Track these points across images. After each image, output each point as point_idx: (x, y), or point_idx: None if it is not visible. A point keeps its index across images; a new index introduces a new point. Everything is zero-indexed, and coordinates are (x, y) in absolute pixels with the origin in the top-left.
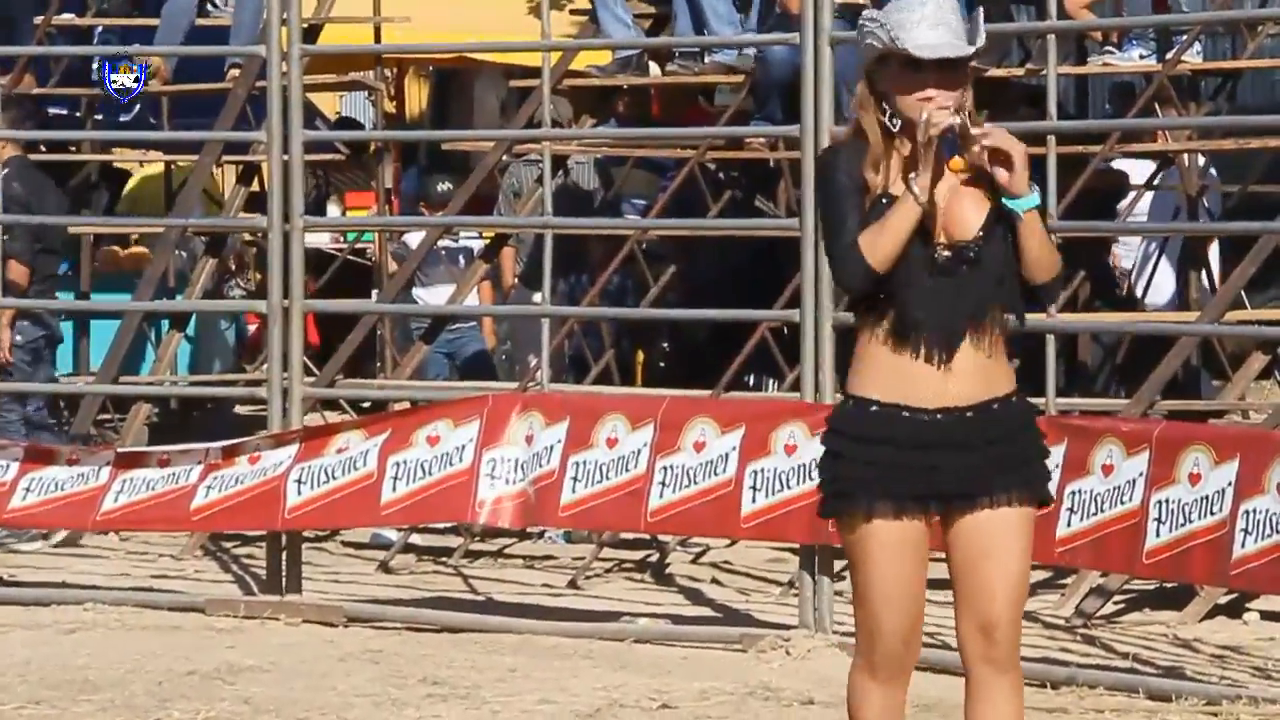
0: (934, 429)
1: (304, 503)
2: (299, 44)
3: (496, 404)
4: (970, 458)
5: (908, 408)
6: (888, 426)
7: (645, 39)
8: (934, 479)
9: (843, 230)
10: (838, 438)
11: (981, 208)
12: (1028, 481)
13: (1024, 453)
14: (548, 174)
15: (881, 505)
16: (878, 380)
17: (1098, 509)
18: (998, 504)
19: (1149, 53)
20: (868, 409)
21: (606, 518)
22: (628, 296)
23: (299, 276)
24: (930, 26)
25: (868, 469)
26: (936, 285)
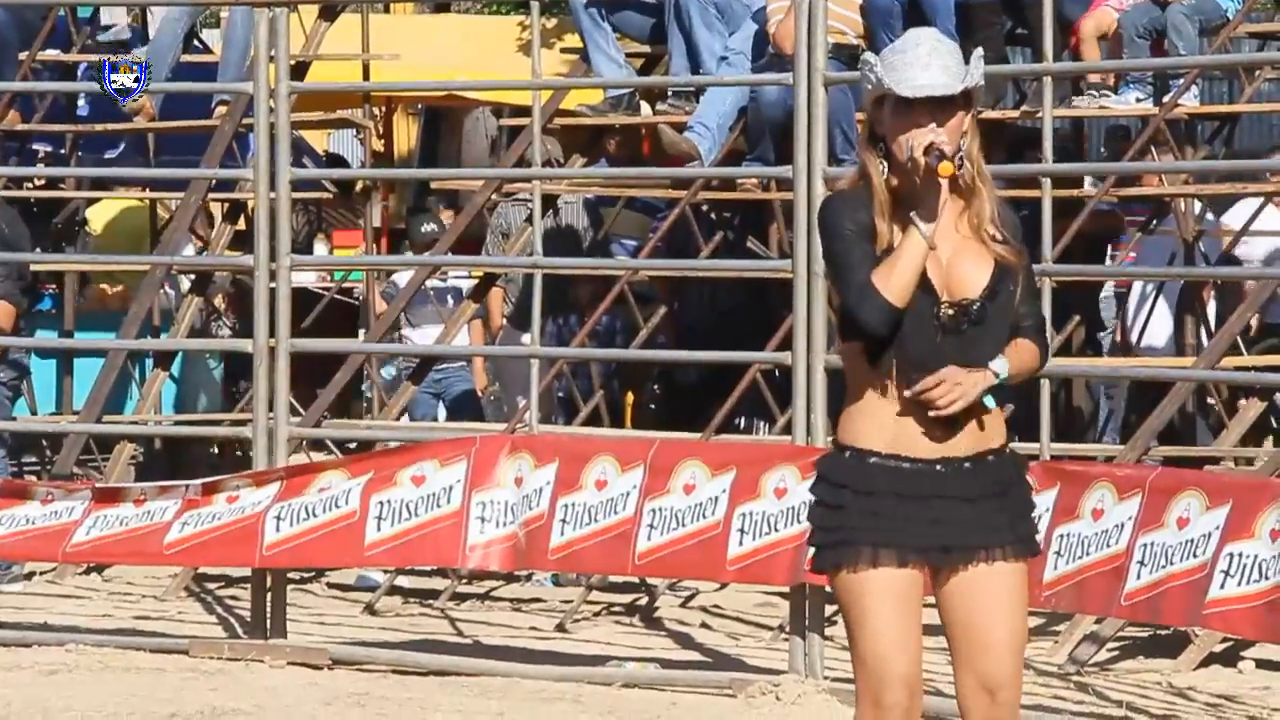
0: (934, 480)
1: (283, 540)
2: (287, 81)
3: (484, 445)
4: (968, 510)
5: (909, 459)
6: (890, 478)
7: (637, 78)
8: (936, 530)
9: (854, 273)
10: (836, 490)
11: (985, 266)
12: (1022, 536)
13: (1018, 506)
14: (537, 213)
15: (886, 554)
16: (877, 432)
17: (1084, 553)
18: (994, 558)
19: (1145, 95)
20: (867, 461)
21: (594, 560)
22: (617, 338)
23: (285, 315)
24: (922, 68)
25: (872, 519)
26: (940, 342)
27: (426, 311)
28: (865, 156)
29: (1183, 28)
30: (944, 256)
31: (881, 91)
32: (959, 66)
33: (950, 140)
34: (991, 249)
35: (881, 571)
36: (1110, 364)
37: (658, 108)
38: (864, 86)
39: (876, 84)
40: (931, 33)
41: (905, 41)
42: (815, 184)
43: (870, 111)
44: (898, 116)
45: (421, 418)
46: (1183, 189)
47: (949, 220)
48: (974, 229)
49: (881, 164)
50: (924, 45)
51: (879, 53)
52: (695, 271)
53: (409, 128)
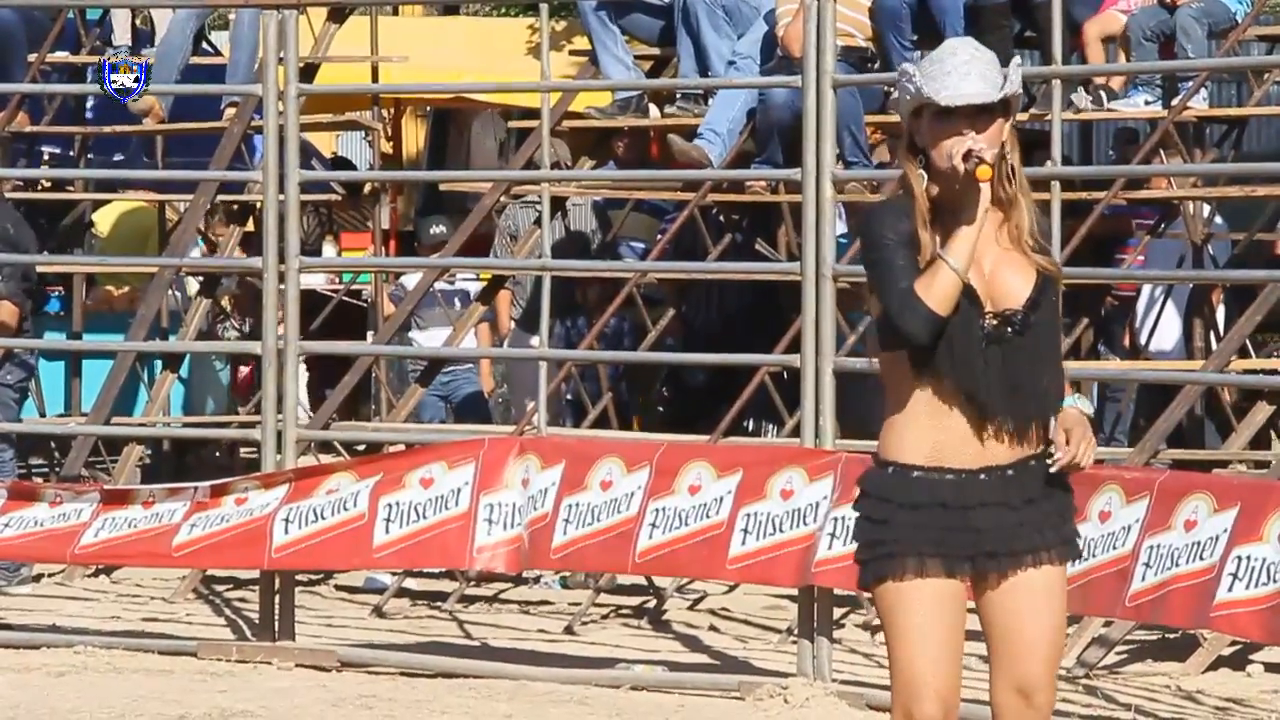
0: (978, 489)
1: (291, 542)
2: (296, 83)
3: (492, 447)
4: (1011, 516)
5: (951, 470)
6: (933, 490)
7: (645, 80)
8: (980, 539)
9: (897, 281)
10: (881, 504)
11: (1028, 277)
12: (1065, 539)
13: (1059, 509)
14: (546, 216)
15: (933, 564)
16: (919, 445)
17: (1090, 554)
18: (1039, 563)
19: (1154, 98)
20: (910, 475)
21: (595, 559)
22: (625, 340)
23: (294, 318)
24: (960, 77)
25: (919, 531)
26: (983, 353)
27: (434, 314)
28: (906, 167)
29: (1191, 30)
30: (986, 267)
31: (921, 102)
32: (997, 75)
33: (990, 147)
34: (1033, 259)
35: (927, 582)
36: (1119, 367)
37: (666, 110)
38: (902, 97)
39: (916, 94)
40: (969, 42)
41: (942, 51)
42: (824, 186)
43: (909, 122)
44: (937, 126)
45: (430, 420)
46: (1191, 192)
47: (990, 231)
48: (1015, 240)
49: (922, 174)
50: (961, 54)
51: (887, 55)
52: (703, 274)
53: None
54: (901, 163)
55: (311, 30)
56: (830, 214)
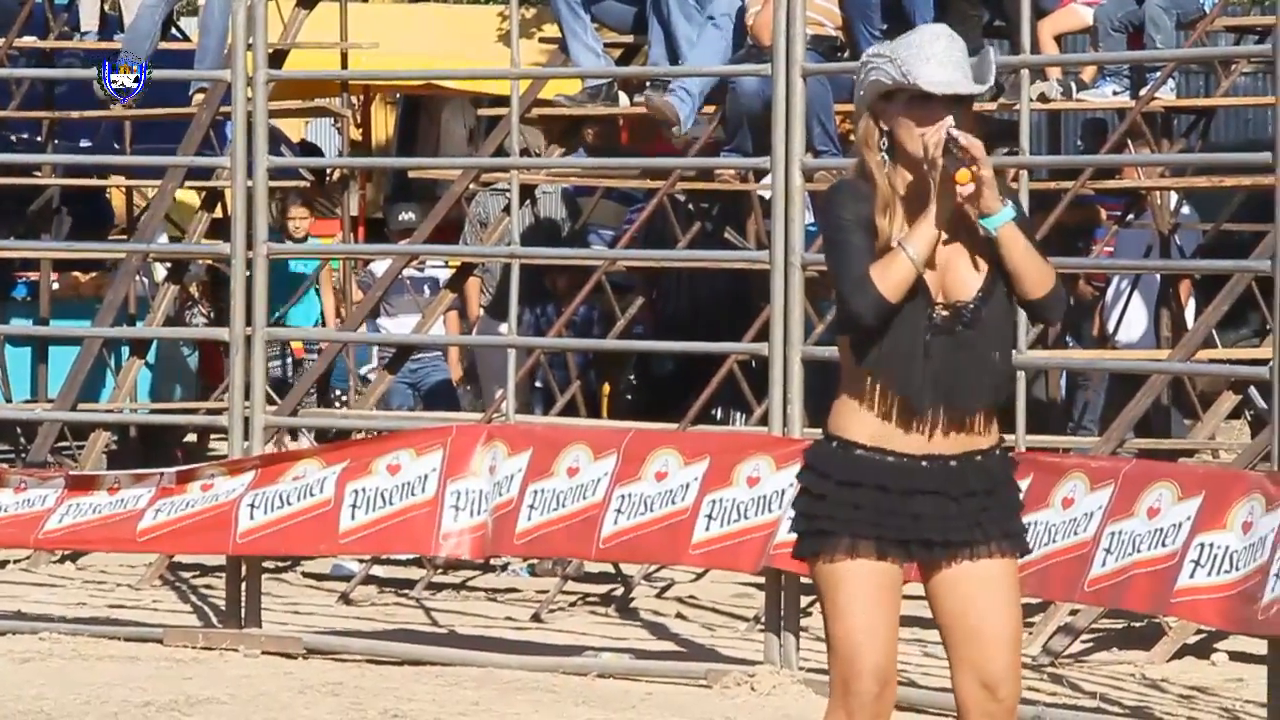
0: (918, 475)
1: (257, 528)
2: (265, 69)
3: (460, 435)
4: (951, 507)
5: (894, 453)
6: (874, 470)
7: (615, 68)
8: (917, 525)
9: (852, 263)
10: (820, 479)
11: (980, 269)
12: (1011, 534)
13: (1005, 504)
14: (515, 203)
15: (865, 545)
16: (865, 424)
17: (1050, 540)
18: (981, 556)
19: (1122, 89)
20: (852, 451)
21: (560, 544)
22: (594, 328)
23: (262, 304)
24: (939, 64)
25: (852, 510)
26: (933, 344)
27: (404, 301)
28: (866, 153)
29: (1160, 21)
30: (940, 258)
31: (894, 86)
32: (968, 64)
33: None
34: (986, 249)
35: (859, 562)
36: (1086, 356)
37: (636, 99)
38: (869, 80)
39: (897, 77)
40: (944, 29)
41: (920, 36)
42: (793, 175)
43: (873, 106)
44: (913, 112)
45: (398, 407)
46: (1159, 182)
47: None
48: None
49: (883, 159)
50: (941, 41)
51: (856, 44)
52: (673, 262)
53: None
54: (860, 148)
55: (280, 16)
56: (799, 203)
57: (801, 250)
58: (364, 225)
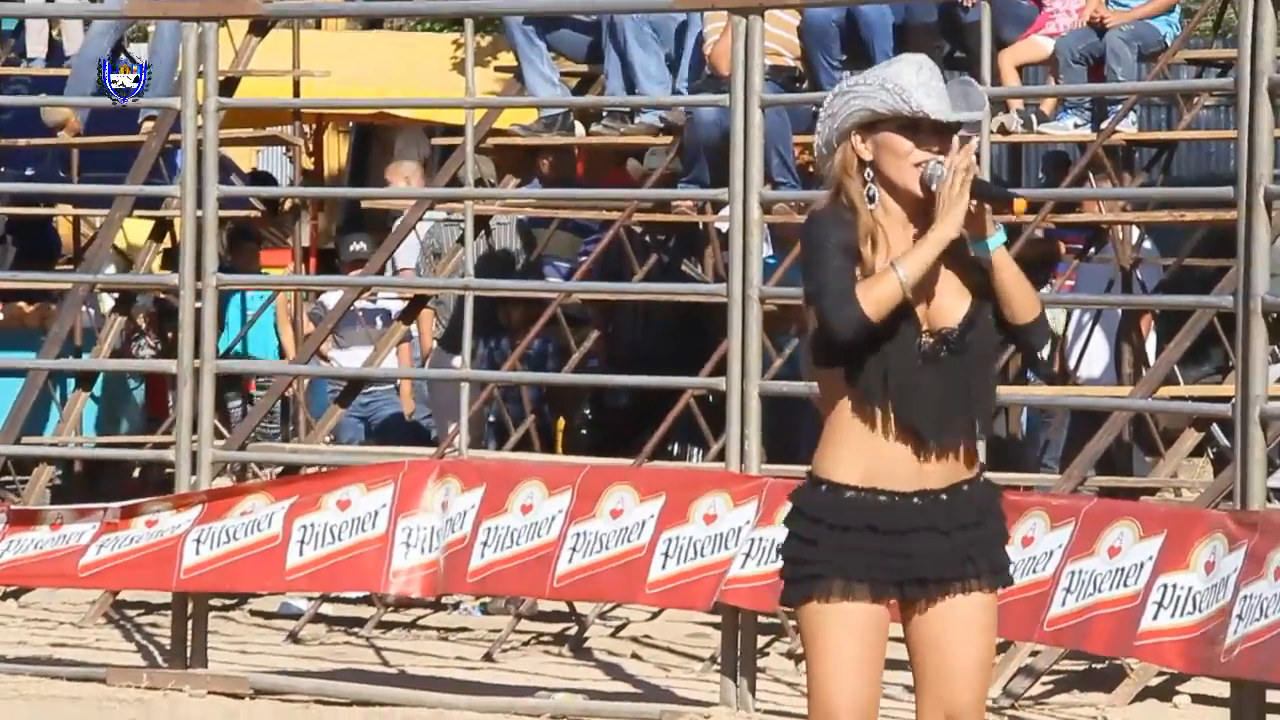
0: (910, 513)
1: (202, 563)
2: (215, 97)
3: (412, 470)
4: (943, 542)
5: (885, 492)
6: (865, 512)
7: (571, 98)
8: (910, 565)
9: (834, 281)
10: (811, 525)
11: (965, 296)
12: (997, 566)
13: (992, 536)
14: (469, 234)
15: (859, 589)
16: (853, 464)
17: None
18: (968, 590)
19: (1084, 122)
20: (843, 495)
21: (513, 583)
22: (549, 361)
23: (211, 336)
24: (926, 94)
25: (846, 554)
26: (918, 372)
27: (355, 333)
28: (847, 182)
29: (1121, 53)
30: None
31: (890, 115)
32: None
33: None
34: (970, 277)
35: (852, 605)
36: (1047, 393)
37: (592, 128)
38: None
39: (895, 106)
40: (926, 59)
41: (907, 66)
42: (751, 207)
43: (853, 135)
44: (904, 139)
45: (348, 442)
46: (1120, 216)
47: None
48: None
49: (869, 189)
50: (926, 69)
51: (815, 75)
52: (629, 295)
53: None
54: (840, 177)
55: (232, 43)
56: (758, 235)
57: (760, 283)
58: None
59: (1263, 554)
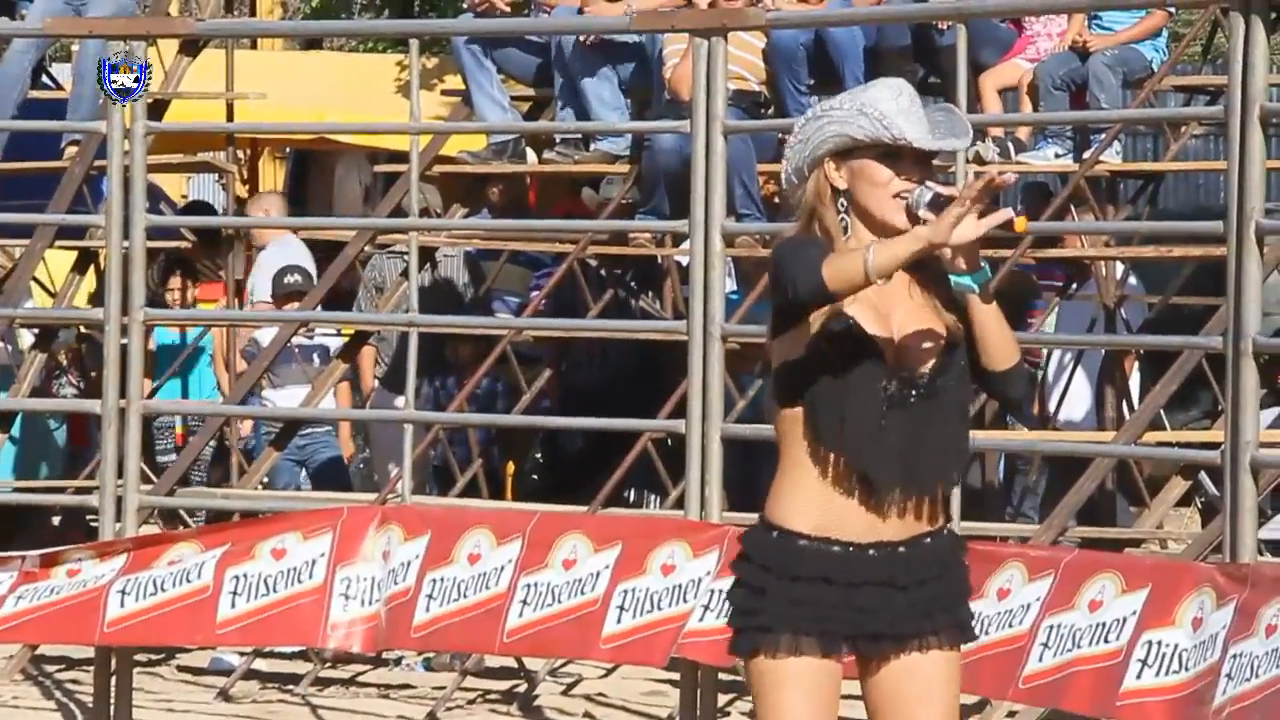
0: (865, 565)
1: (127, 616)
2: (144, 120)
3: (352, 517)
4: (901, 597)
5: (839, 542)
6: (818, 563)
7: (522, 123)
8: (863, 619)
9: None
10: (761, 573)
11: (938, 337)
12: (959, 623)
13: (955, 591)
14: (414, 267)
15: (808, 643)
16: (808, 511)
17: (983, 631)
18: (928, 646)
19: (1065, 151)
20: (795, 543)
21: (460, 638)
22: (498, 401)
23: (138, 374)
24: (907, 120)
25: (796, 607)
26: (881, 418)
27: (291, 371)
28: (821, 210)
29: (1105, 79)
30: (894, 324)
31: (870, 142)
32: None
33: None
34: (944, 318)
35: (802, 661)
36: (1025, 438)
37: (545, 155)
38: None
39: (876, 133)
40: (904, 83)
41: (883, 90)
42: (713, 239)
43: (827, 162)
44: (884, 168)
45: (284, 487)
46: (1104, 251)
47: (900, 286)
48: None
49: (843, 220)
50: (905, 94)
51: (781, 100)
52: (583, 332)
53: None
54: (815, 206)
55: (162, 63)
56: (720, 269)
57: (722, 320)
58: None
59: (1253, 610)
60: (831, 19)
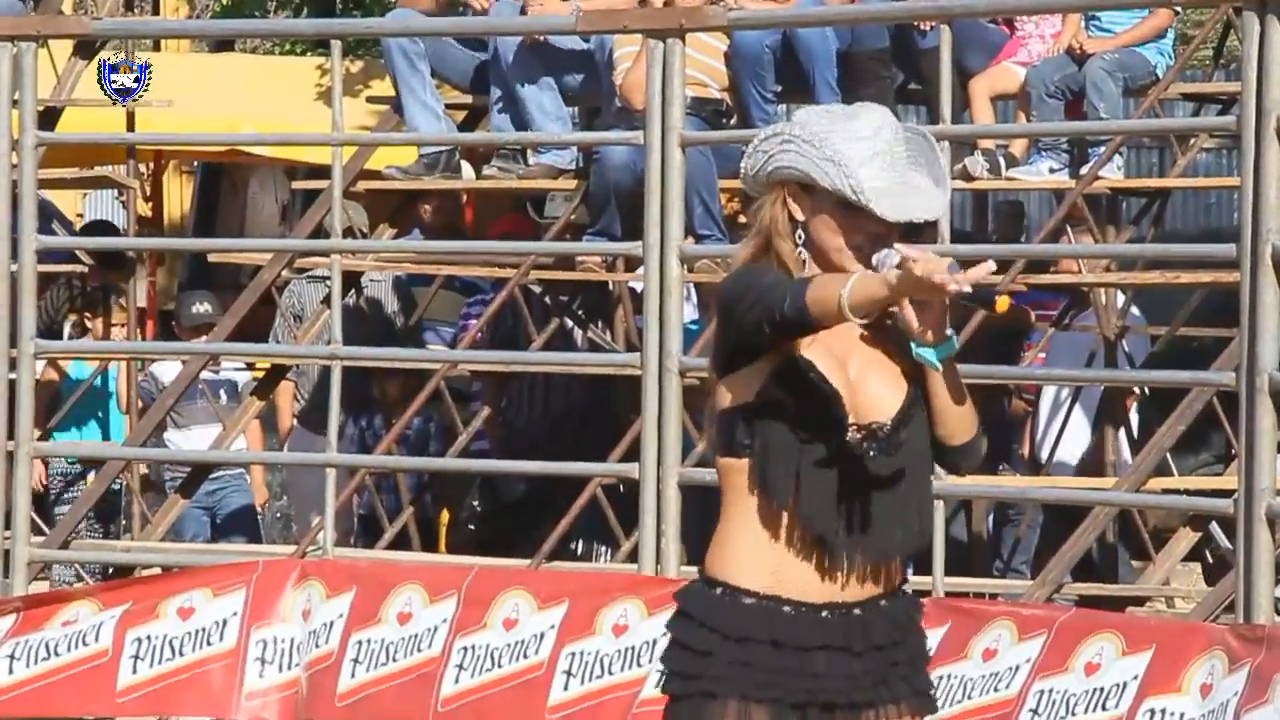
0: (818, 628)
1: (15, 684)
2: (34, 130)
3: (267, 571)
4: (856, 664)
5: (789, 602)
6: (766, 623)
7: (458, 134)
8: (816, 686)
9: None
10: (703, 632)
11: (899, 387)
12: (919, 690)
13: (911, 658)
14: (336, 293)
15: (758, 712)
16: (756, 568)
17: (965, 695)
18: (887, 717)
19: (1060, 166)
20: (740, 601)
21: (389, 706)
22: (431, 443)
23: (28, 413)
24: (883, 166)
25: (741, 670)
26: (838, 471)
27: (197, 409)
28: (778, 241)
29: (1104, 86)
30: (852, 372)
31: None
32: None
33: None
34: (901, 364)
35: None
36: (1017, 484)
37: (483, 170)
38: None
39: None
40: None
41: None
42: (670, 262)
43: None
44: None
45: (192, 538)
46: (1104, 278)
47: (851, 330)
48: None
49: (800, 254)
50: (884, 138)
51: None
52: (525, 365)
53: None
54: (773, 234)
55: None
56: (678, 295)
57: (680, 353)
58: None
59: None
60: (801, 19)
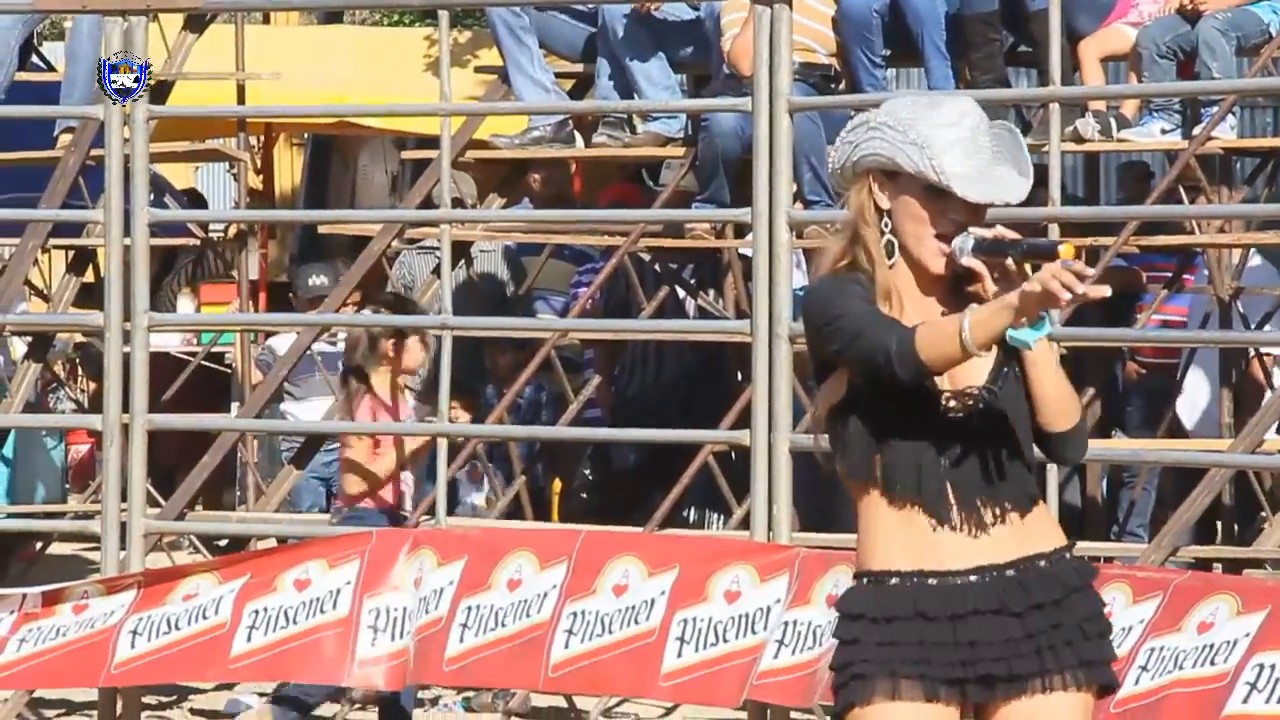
0: (968, 594)
1: (136, 656)
2: (145, 104)
3: (381, 541)
4: (1015, 627)
5: (934, 574)
6: (911, 600)
7: (568, 103)
8: (973, 656)
9: (883, 322)
10: (851, 623)
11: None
12: (1088, 659)
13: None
14: (446, 264)
15: (909, 687)
16: (895, 549)
17: None
18: (1053, 687)
19: (1173, 126)
20: (885, 584)
21: (498, 671)
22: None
23: (142, 386)
24: (966, 152)
25: (890, 648)
26: (945, 438)
27: (313, 381)
28: (862, 229)
29: (1217, 46)
30: None
31: (907, 171)
32: (996, 141)
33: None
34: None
35: (903, 707)
36: (1132, 446)
37: (593, 139)
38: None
39: (922, 170)
40: (973, 107)
41: (942, 118)
42: (778, 229)
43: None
44: (926, 207)
45: (308, 509)
46: (1217, 238)
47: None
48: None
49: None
50: (968, 124)
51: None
52: (636, 334)
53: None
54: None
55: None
56: (787, 262)
57: (789, 319)
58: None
59: None
60: None
